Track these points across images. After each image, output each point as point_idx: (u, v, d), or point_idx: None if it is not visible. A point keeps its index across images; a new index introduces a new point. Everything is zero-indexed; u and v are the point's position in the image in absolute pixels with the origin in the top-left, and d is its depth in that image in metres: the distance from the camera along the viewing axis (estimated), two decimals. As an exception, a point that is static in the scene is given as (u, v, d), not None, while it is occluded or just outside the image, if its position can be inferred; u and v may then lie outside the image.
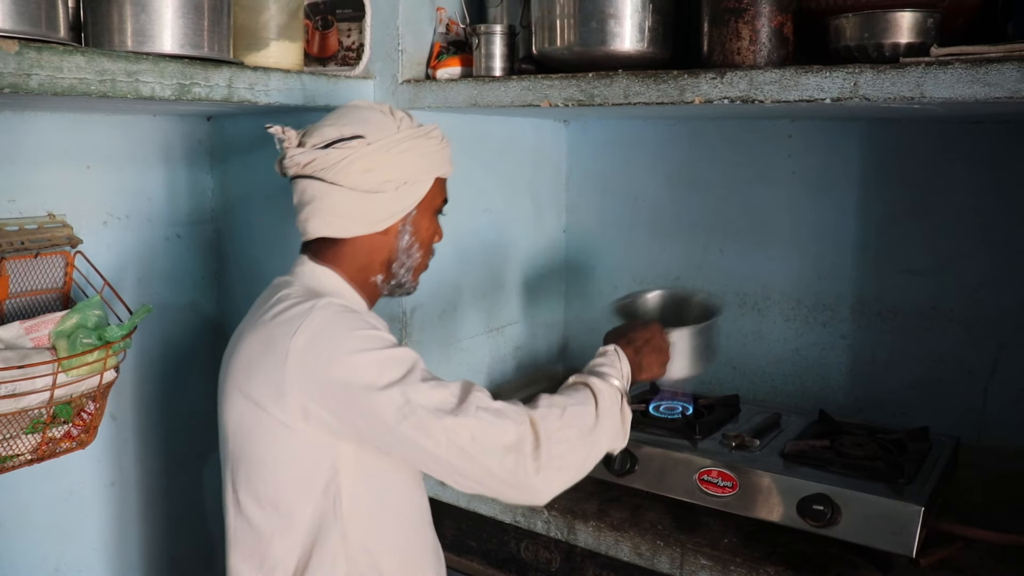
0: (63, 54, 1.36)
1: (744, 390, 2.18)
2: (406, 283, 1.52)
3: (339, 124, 1.43)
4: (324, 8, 2.04)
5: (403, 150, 1.42)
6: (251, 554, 1.39)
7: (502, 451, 1.29)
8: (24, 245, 1.78)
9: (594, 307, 2.50)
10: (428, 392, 1.29)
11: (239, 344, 1.39)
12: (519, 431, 1.30)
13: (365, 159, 1.40)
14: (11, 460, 1.67)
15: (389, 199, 1.43)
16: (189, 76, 1.56)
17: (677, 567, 1.63)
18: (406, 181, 1.43)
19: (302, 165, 1.42)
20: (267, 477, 1.36)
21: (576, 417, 1.37)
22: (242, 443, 1.38)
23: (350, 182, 1.40)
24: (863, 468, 1.62)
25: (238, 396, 1.36)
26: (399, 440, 1.29)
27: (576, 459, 1.36)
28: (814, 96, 1.45)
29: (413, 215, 1.47)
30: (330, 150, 1.40)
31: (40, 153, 1.88)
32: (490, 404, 1.32)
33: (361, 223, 1.43)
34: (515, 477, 1.29)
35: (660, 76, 1.61)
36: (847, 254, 2.10)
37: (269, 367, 1.31)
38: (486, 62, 1.93)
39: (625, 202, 2.43)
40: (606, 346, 1.54)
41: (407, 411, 1.27)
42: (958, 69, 1.32)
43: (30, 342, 1.68)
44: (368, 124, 1.43)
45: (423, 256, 1.53)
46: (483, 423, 1.29)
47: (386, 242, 1.47)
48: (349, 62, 2.01)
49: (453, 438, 1.27)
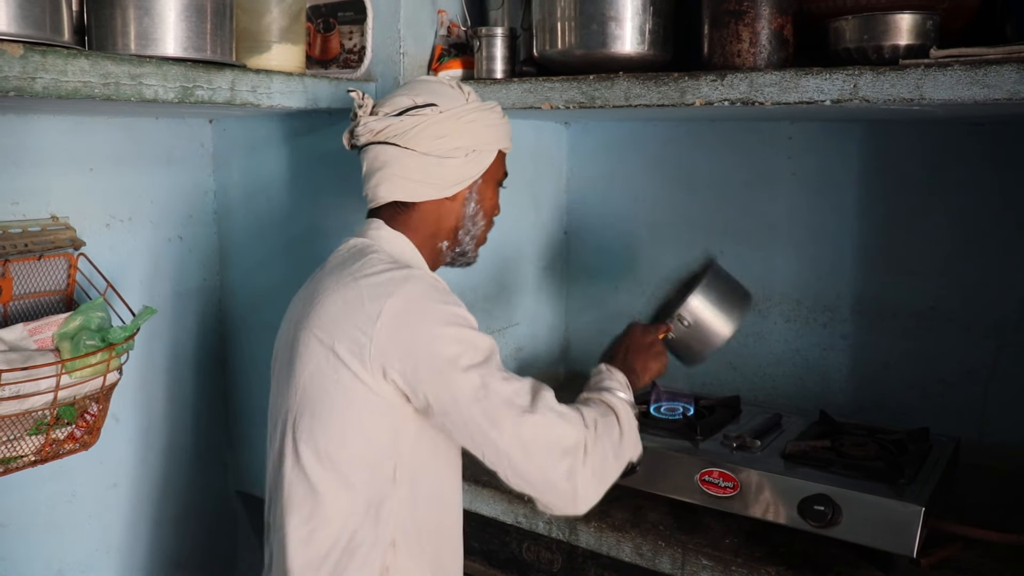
0: (67, 57, 1.37)
1: (745, 391, 2.19)
2: (468, 251, 1.58)
3: (411, 94, 1.49)
4: (326, 11, 2.05)
5: (471, 120, 1.49)
6: (300, 505, 1.39)
7: (560, 453, 1.32)
8: (28, 247, 1.79)
9: (595, 309, 2.51)
10: (504, 383, 1.33)
11: (321, 296, 1.40)
12: (578, 437, 1.34)
13: (437, 126, 1.45)
14: (15, 461, 1.68)
15: (458, 164, 1.48)
16: (192, 79, 1.56)
17: (678, 567, 1.63)
18: (474, 149, 1.49)
19: (376, 132, 1.46)
20: (332, 433, 1.37)
21: (607, 428, 1.40)
22: (313, 394, 1.38)
23: (423, 147, 1.45)
24: (864, 468, 1.63)
25: (318, 346, 1.37)
26: (466, 421, 1.32)
27: (611, 470, 1.39)
28: (814, 98, 1.45)
29: (479, 183, 1.53)
30: (404, 117, 1.45)
31: (43, 156, 1.89)
32: (556, 405, 1.35)
33: (432, 187, 1.48)
34: (566, 483, 1.32)
35: (661, 78, 1.62)
36: (847, 255, 2.10)
37: (358, 324, 1.33)
38: (487, 64, 1.94)
39: (626, 204, 2.43)
40: (597, 368, 1.57)
41: (482, 395, 1.31)
42: (957, 71, 1.32)
43: (34, 344, 1.68)
44: (439, 95, 1.49)
45: (486, 226, 1.59)
46: (550, 423, 1.32)
47: (453, 208, 1.52)
48: (351, 65, 2.02)
49: (519, 432, 1.31)
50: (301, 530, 1.39)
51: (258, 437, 2.37)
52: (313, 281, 1.48)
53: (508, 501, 1.84)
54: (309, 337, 1.38)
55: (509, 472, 1.34)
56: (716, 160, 2.26)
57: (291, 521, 1.40)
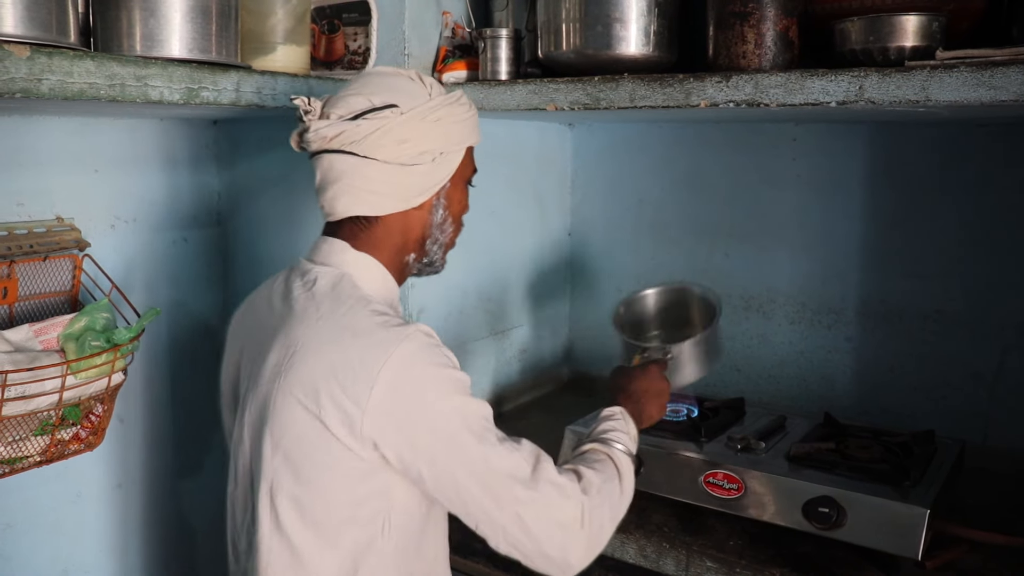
0: (73, 59, 1.37)
1: (749, 393, 2.18)
2: (436, 261, 1.46)
3: (366, 92, 1.33)
4: (330, 12, 2.05)
5: (437, 119, 1.33)
6: (284, 571, 1.30)
7: (556, 528, 1.27)
8: (33, 248, 1.79)
9: (599, 310, 2.51)
10: (503, 458, 1.25)
11: (299, 350, 1.27)
12: (575, 513, 1.29)
13: (399, 129, 1.30)
14: (20, 462, 1.68)
15: (425, 171, 1.34)
16: (197, 80, 1.56)
17: (683, 569, 1.63)
18: (442, 151, 1.35)
19: (328, 139, 1.31)
20: (315, 497, 1.27)
21: (608, 495, 1.35)
22: (297, 459, 1.27)
23: (384, 155, 1.30)
24: (868, 471, 1.62)
25: (302, 412, 1.25)
26: (461, 495, 1.25)
27: (606, 534, 1.35)
28: (819, 99, 1.45)
29: (447, 188, 1.40)
30: (360, 121, 1.30)
31: (48, 157, 1.89)
32: (556, 478, 1.29)
33: (397, 199, 1.35)
34: (560, 554, 1.28)
35: (665, 80, 1.62)
36: (852, 257, 2.10)
37: (349, 394, 1.22)
38: (492, 66, 1.94)
39: (630, 205, 2.43)
40: (612, 408, 1.52)
41: (481, 470, 1.24)
42: (963, 72, 1.32)
43: (39, 345, 1.69)
44: (399, 92, 1.33)
45: (454, 231, 1.46)
46: (548, 500, 1.27)
47: (420, 218, 1.39)
48: (355, 66, 2.02)
49: (518, 510, 1.25)
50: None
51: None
52: (282, 309, 1.35)
53: (512, 503, 1.84)
54: (289, 399, 1.25)
55: (501, 542, 1.28)
56: (721, 162, 2.26)
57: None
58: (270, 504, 1.30)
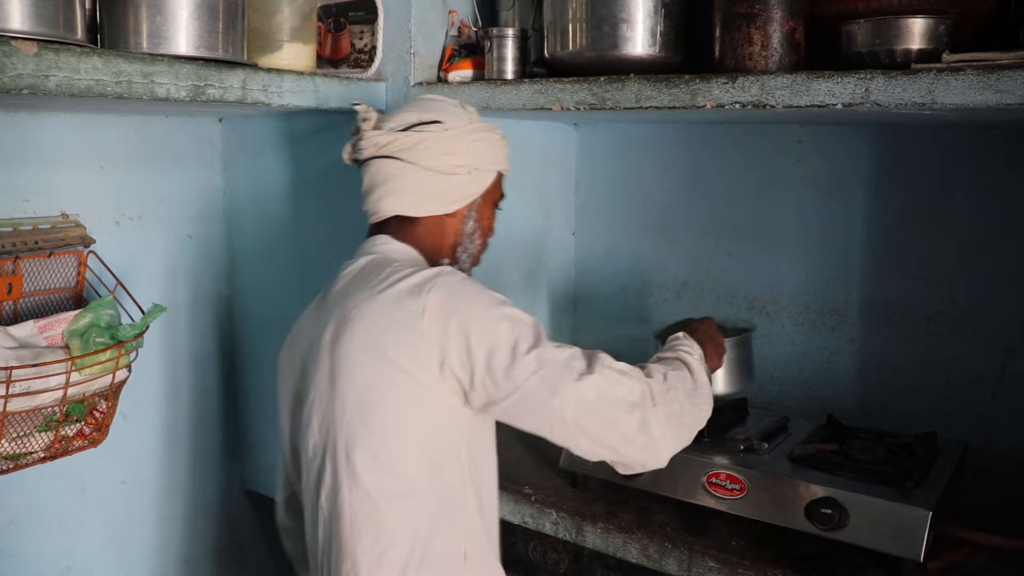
0: (80, 56, 1.37)
1: (752, 393, 2.18)
2: (464, 271, 1.58)
3: (417, 111, 1.52)
4: (337, 11, 2.05)
5: (475, 139, 1.51)
6: (367, 527, 1.36)
7: (628, 407, 1.33)
8: (38, 244, 1.79)
9: (603, 310, 2.51)
10: (558, 353, 1.33)
11: (353, 314, 1.37)
12: (643, 389, 1.35)
13: (442, 142, 1.47)
14: (25, 458, 1.69)
15: (461, 182, 1.50)
16: (204, 78, 1.57)
17: (685, 569, 1.63)
18: (477, 167, 1.51)
19: (380, 146, 1.48)
20: (392, 441, 1.35)
21: (679, 380, 1.42)
22: (369, 407, 1.34)
23: (427, 163, 1.47)
24: (871, 472, 1.62)
25: (366, 358, 1.34)
26: (527, 397, 1.31)
27: (689, 419, 1.41)
28: (825, 101, 1.45)
29: (478, 202, 1.55)
30: (409, 133, 1.47)
31: (54, 153, 1.89)
32: (615, 364, 1.36)
33: (435, 202, 1.50)
34: (641, 435, 1.34)
35: (672, 80, 1.62)
36: (856, 259, 2.10)
37: (404, 323, 1.32)
38: (498, 65, 1.94)
39: (634, 205, 2.43)
40: (677, 333, 1.59)
41: (537, 366, 1.30)
42: (969, 76, 1.32)
43: (44, 341, 1.69)
44: (444, 113, 1.51)
45: (481, 246, 1.60)
46: (610, 380, 1.33)
47: (453, 225, 1.54)
48: (361, 64, 2.02)
49: (582, 394, 1.31)
50: (372, 552, 1.36)
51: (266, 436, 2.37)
52: (328, 302, 1.46)
53: (515, 501, 1.85)
54: (352, 353, 1.35)
55: (582, 441, 1.34)
56: (726, 163, 2.26)
57: (360, 545, 1.36)
58: (347, 461, 1.36)
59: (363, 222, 2.08)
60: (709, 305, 2.33)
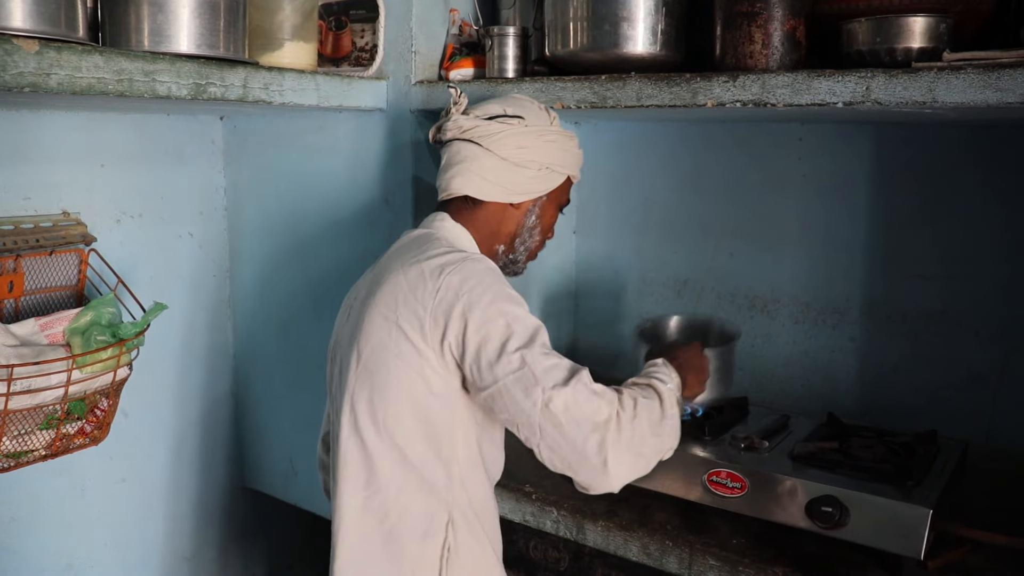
0: (82, 54, 1.38)
1: (753, 392, 2.18)
2: (519, 262, 1.67)
3: (503, 104, 1.61)
4: (338, 9, 2.05)
5: (551, 140, 1.59)
6: (356, 473, 1.46)
7: (591, 427, 1.36)
8: (39, 243, 1.80)
9: (604, 308, 2.51)
10: (543, 358, 1.38)
11: (385, 278, 1.47)
12: (610, 413, 1.37)
13: (520, 137, 1.56)
14: (26, 456, 1.69)
15: (531, 176, 1.58)
16: (205, 76, 1.57)
17: (686, 567, 1.63)
18: (548, 166, 1.59)
19: (463, 130, 1.57)
20: (389, 404, 1.43)
21: (646, 409, 1.43)
22: (374, 366, 1.44)
23: (503, 152, 1.55)
24: (871, 470, 1.62)
25: (382, 321, 1.43)
26: (502, 392, 1.37)
27: (648, 450, 1.42)
28: (826, 100, 1.45)
29: (543, 200, 1.63)
30: (492, 122, 1.57)
31: (55, 151, 1.89)
32: (592, 384, 1.40)
33: (502, 190, 1.58)
34: (597, 457, 1.36)
35: (672, 79, 1.62)
36: (857, 257, 2.10)
37: (419, 297, 1.41)
38: (499, 64, 1.94)
39: (635, 204, 2.43)
40: (656, 360, 1.59)
41: (518, 366, 1.36)
42: (970, 74, 1.32)
43: (45, 339, 1.69)
44: (527, 111, 1.60)
45: (540, 243, 1.67)
46: (581, 397, 1.37)
47: (516, 216, 1.61)
48: (362, 63, 2.02)
49: (551, 404, 1.35)
50: (356, 497, 1.47)
51: (266, 434, 2.38)
52: (376, 267, 1.56)
53: (516, 499, 1.85)
54: (373, 314, 1.45)
55: (543, 448, 1.38)
56: (727, 161, 2.26)
57: (346, 488, 1.47)
58: (352, 411, 1.47)
59: (364, 221, 2.09)
60: (710, 304, 2.33)
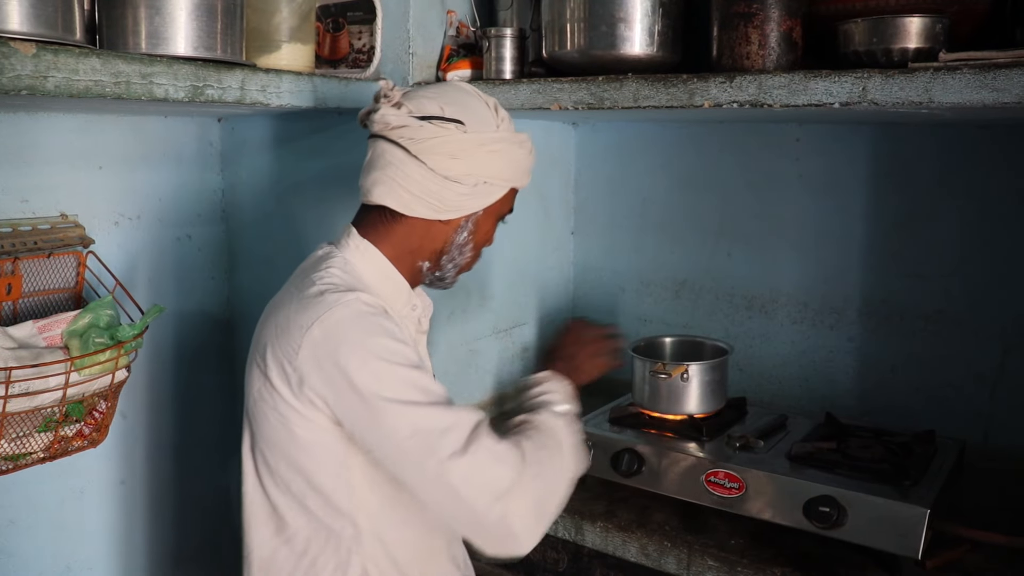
0: (79, 56, 1.37)
1: (751, 392, 2.19)
2: (447, 278, 1.48)
3: (441, 101, 1.37)
4: (335, 11, 2.05)
5: (494, 151, 1.37)
6: (266, 522, 1.38)
7: (492, 498, 1.24)
8: (37, 245, 1.79)
9: (602, 309, 2.51)
10: (433, 418, 1.24)
11: (270, 312, 1.36)
12: (512, 478, 1.25)
13: (455, 145, 1.34)
14: (24, 458, 1.68)
15: (463, 192, 1.37)
16: (202, 78, 1.57)
17: (684, 567, 1.64)
18: (486, 181, 1.38)
19: (390, 127, 1.36)
20: (279, 458, 1.33)
21: (548, 458, 1.32)
22: (257, 419, 1.34)
23: (433, 162, 1.34)
24: (869, 470, 1.63)
25: (257, 372, 1.32)
26: (393, 457, 1.26)
27: (554, 502, 1.32)
28: (823, 100, 1.46)
29: (478, 215, 1.42)
30: (425, 124, 1.34)
31: (53, 154, 1.89)
32: (492, 445, 1.26)
33: (428, 206, 1.37)
34: (500, 526, 1.25)
35: (669, 80, 1.62)
36: (854, 257, 2.10)
37: (285, 352, 1.28)
38: (496, 65, 1.94)
39: (633, 204, 2.44)
40: (539, 374, 1.49)
41: (407, 434, 1.23)
42: (966, 74, 1.32)
43: (43, 341, 1.69)
44: (470, 112, 1.37)
45: (473, 257, 1.48)
46: (481, 466, 1.24)
47: (444, 232, 1.42)
48: (360, 64, 2.02)
49: (447, 477, 1.22)
50: (266, 547, 1.38)
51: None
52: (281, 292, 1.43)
53: (514, 501, 1.85)
54: (254, 359, 1.34)
55: (446, 516, 1.29)
56: (724, 162, 2.27)
57: (256, 537, 1.39)
58: (250, 456, 1.39)
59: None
60: (708, 304, 2.33)
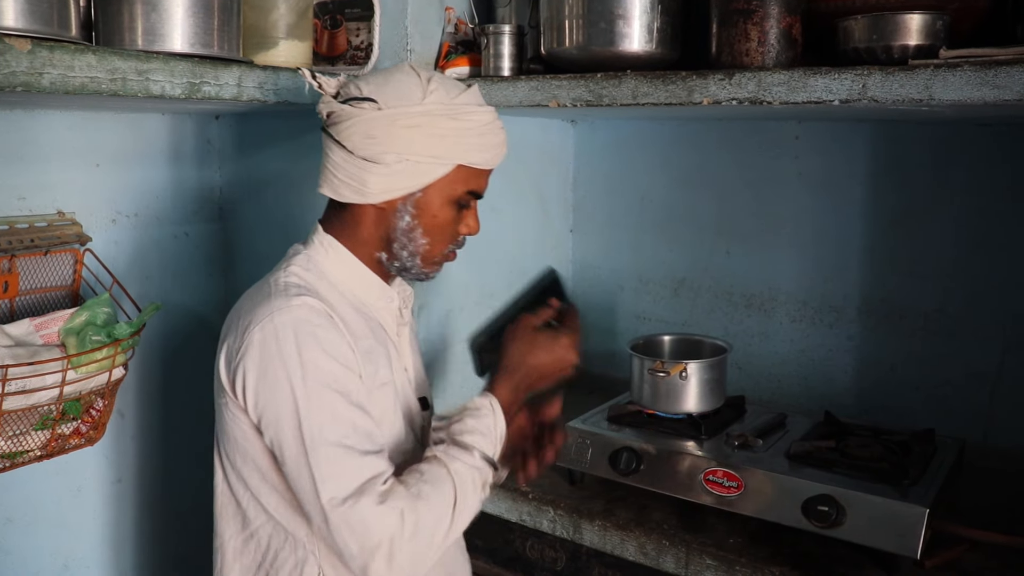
0: (75, 53, 1.37)
1: (750, 391, 2.18)
2: (412, 267, 1.42)
3: (368, 81, 1.35)
4: (333, 7, 2.05)
5: (412, 125, 1.31)
6: (234, 517, 1.40)
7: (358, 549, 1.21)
8: (34, 243, 1.79)
9: (601, 307, 2.51)
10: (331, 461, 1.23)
11: (232, 312, 1.40)
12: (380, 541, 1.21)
13: (368, 124, 1.31)
14: (21, 456, 1.68)
15: (386, 172, 1.32)
16: (199, 75, 1.56)
17: (682, 567, 1.63)
18: (408, 159, 1.32)
19: (324, 115, 1.37)
20: (236, 454, 1.36)
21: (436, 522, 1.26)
22: (216, 413, 1.38)
23: (352, 144, 1.32)
24: (868, 469, 1.62)
25: (217, 364, 1.35)
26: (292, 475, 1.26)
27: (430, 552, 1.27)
28: (822, 98, 1.45)
29: (418, 196, 1.36)
30: (345, 106, 1.33)
31: (50, 151, 1.89)
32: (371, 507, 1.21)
33: (353, 190, 1.35)
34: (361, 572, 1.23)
35: (668, 77, 1.61)
36: (853, 255, 2.10)
37: (230, 350, 1.31)
38: (495, 62, 1.94)
39: (632, 202, 2.43)
40: (482, 400, 1.39)
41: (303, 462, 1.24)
42: (967, 71, 1.32)
43: (40, 339, 1.69)
44: (387, 89, 1.33)
45: (432, 244, 1.40)
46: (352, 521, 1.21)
47: (384, 218, 1.38)
48: (358, 61, 2.02)
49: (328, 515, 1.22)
50: (236, 540, 1.40)
51: (263, 433, 2.37)
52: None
53: (512, 499, 1.84)
54: (219, 354, 1.36)
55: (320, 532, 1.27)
56: (723, 159, 2.26)
57: (226, 531, 1.41)
58: (217, 450, 1.41)
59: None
60: (707, 303, 2.33)
